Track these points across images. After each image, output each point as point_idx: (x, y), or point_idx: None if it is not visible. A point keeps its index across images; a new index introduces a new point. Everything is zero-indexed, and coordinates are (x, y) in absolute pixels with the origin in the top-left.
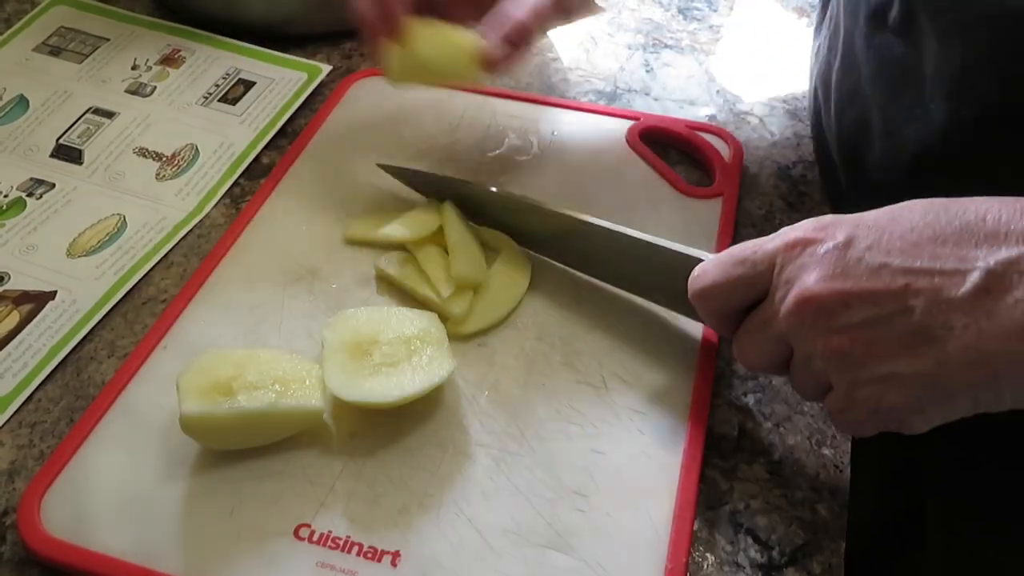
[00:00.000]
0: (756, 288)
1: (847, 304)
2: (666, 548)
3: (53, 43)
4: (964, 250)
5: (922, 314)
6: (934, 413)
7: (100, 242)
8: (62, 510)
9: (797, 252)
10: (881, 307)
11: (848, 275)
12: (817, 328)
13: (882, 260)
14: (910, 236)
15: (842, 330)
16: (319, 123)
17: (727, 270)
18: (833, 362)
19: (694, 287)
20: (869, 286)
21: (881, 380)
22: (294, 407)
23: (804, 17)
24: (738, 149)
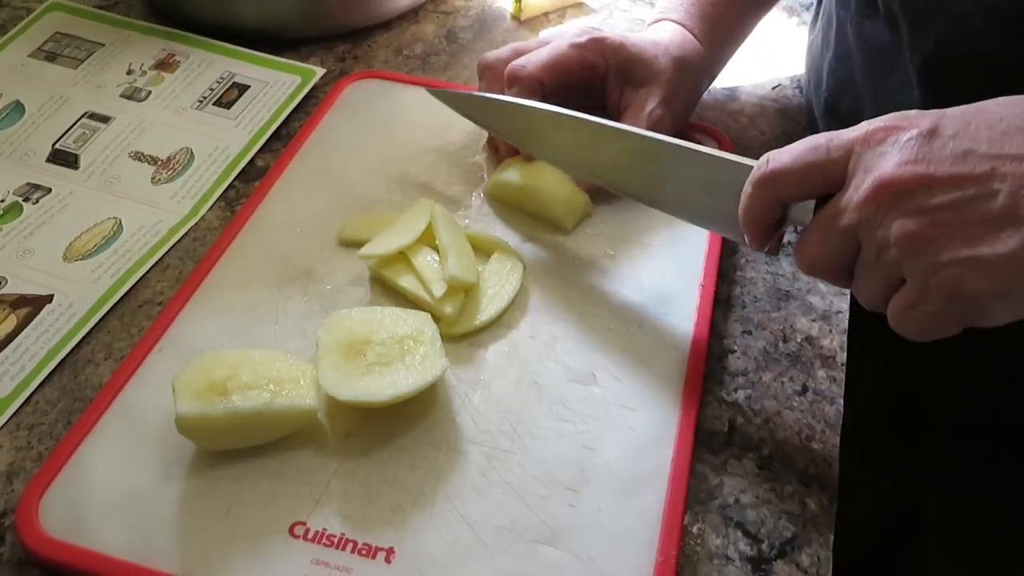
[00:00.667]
0: (828, 176)
1: (928, 187)
2: (656, 542)
3: (48, 49)
4: None
5: (1007, 196)
6: (1014, 301)
7: (96, 246)
8: (60, 511)
9: (878, 139)
10: (964, 190)
11: (931, 160)
12: (895, 212)
13: (968, 146)
14: (998, 125)
15: (922, 212)
16: (313, 126)
17: (802, 154)
18: (910, 247)
19: (764, 169)
20: (953, 170)
21: (963, 263)
22: (288, 407)
23: (794, 16)
24: (729, 148)
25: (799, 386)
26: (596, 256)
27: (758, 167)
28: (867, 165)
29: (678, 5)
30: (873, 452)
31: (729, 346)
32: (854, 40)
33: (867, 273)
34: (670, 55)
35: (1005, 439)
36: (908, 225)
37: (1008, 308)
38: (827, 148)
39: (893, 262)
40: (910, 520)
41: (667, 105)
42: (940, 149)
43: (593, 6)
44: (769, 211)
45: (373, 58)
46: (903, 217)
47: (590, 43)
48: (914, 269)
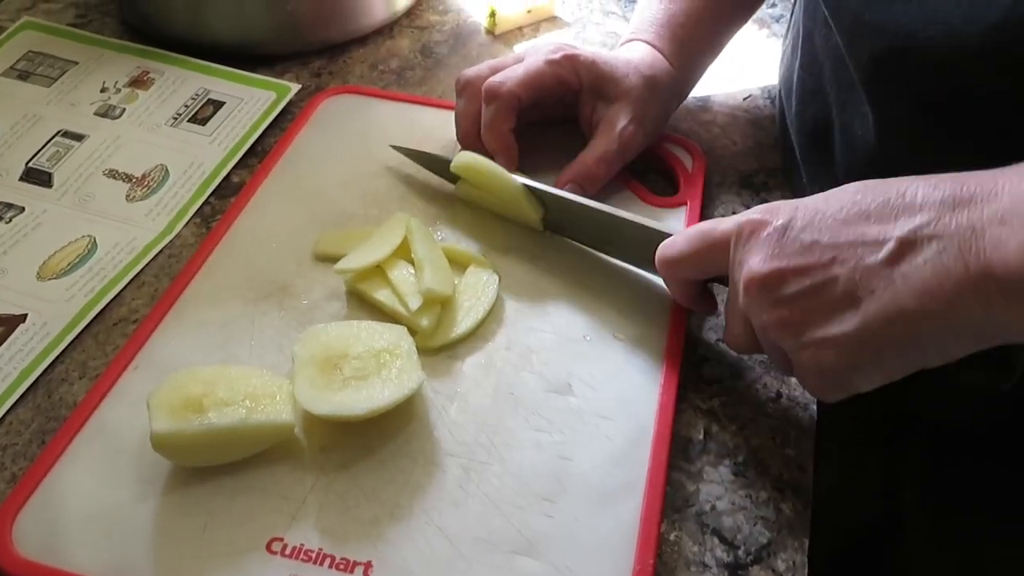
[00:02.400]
0: (715, 262)
1: (784, 279)
2: (633, 550)
3: (21, 67)
4: (884, 223)
5: (845, 281)
6: (871, 371)
7: (70, 264)
8: (35, 531)
9: (746, 235)
10: (812, 278)
11: (784, 254)
12: (763, 303)
13: (813, 238)
14: (839, 215)
15: (783, 302)
16: (288, 141)
17: (691, 244)
18: (779, 332)
19: (661, 256)
20: (802, 261)
21: (817, 343)
22: (264, 422)
23: (764, 28)
24: (701, 158)
25: (773, 392)
26: (571, 267)
27: (658, 253)
28: (740, 259)
29: (648, 26)
30: (850, 456)
31: (704, 354)
32: (821, 50)
33: (767, 351)
34: (640, 74)
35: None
36: (774, 314)
37: (868, 378)
38: (711, 238)
39: (774, 343)
40: (889, 523)
41: (638, 122)
42: (791, 243)
43: (566, 20)
44: (683, 288)
45: (348, 73)
46: (770, 308)
47: (564, 60)
48: (788, 348)
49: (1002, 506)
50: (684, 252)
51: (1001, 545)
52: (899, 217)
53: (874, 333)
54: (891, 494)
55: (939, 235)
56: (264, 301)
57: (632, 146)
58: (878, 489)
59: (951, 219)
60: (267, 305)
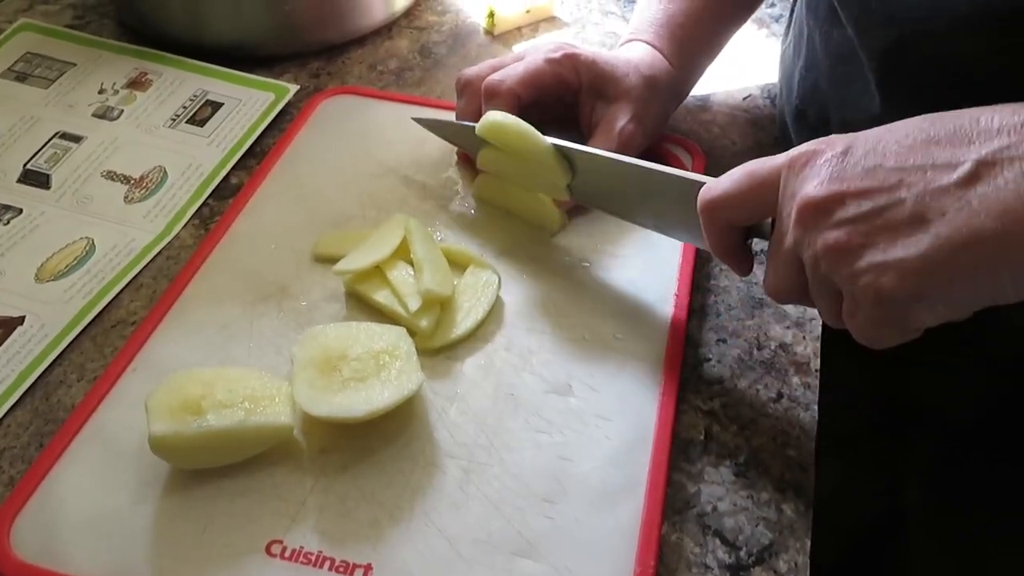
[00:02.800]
0: (764, 201)
1: (842, 201)
2: (635, 552)
3: (19, 69)
4: (957, 148)
5: (914, 203)
6: (936, 303)
7: (68, 266)
8: (33, 534)
9: (799, 166)
10: (875, 201)
11: (844, 178)
12: (818, 228)
13: (877, 162)
14: (905, 141)
15: (839, 225)
16: (287, 142)
17: (738, 183)
18: (833, 259)
19: (704, 198)
20: (863, 184)
21: (878, 267)
22: (263, 424)
23: (764, 28)
24: (701, 158)
25: (774, 393)
26: (571, 267)
27: (700, 195)
28: (792, 191)
29: (648, 26)
30: (851, 456)
31: (704, 355)
32: (821, 49)
33: (815, 291)
34: (640, 73)
35: (985, 440)
36: (829, 238)
37: (931, 311)
38: (759, 175)
39: (826, 276)
40: (890, 523)
41: (638, 121)
42: (852, 167)
43: (565, 20)
44: (724, 235)
45: (347, 74)
46: (824, 231)
47: (564, 59)
48: (841, 279)
49: (1004, 504)
50: (730, 192)
51: (1003, 542)
52: (974, 142)
53: (946, 256)
54: (893, 493)
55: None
56: (263, 303)
57: (631, 145)
58: (880, 488)
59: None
60: (266, 306)
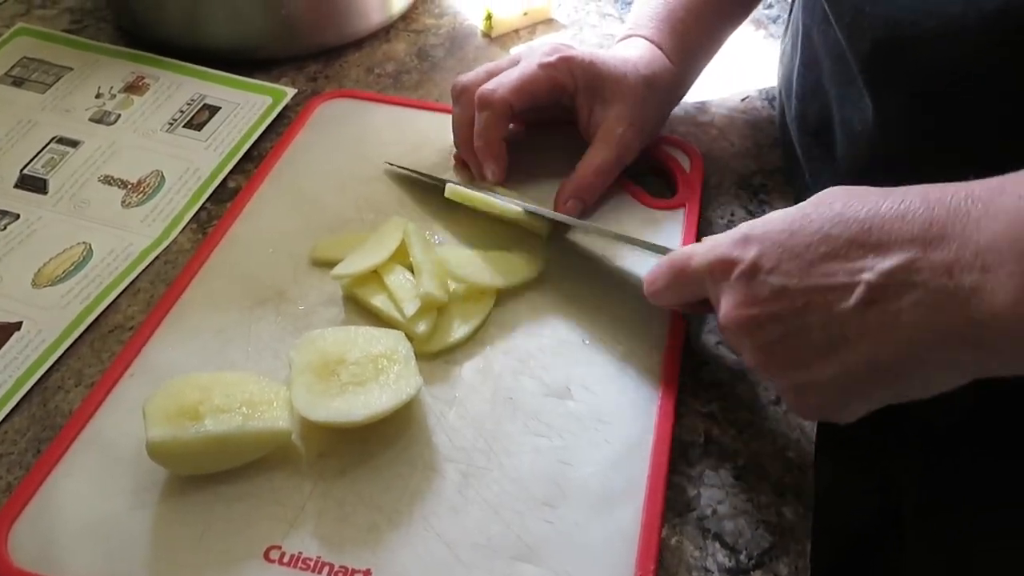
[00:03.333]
0: (696, 291)
1: (760, 325)
2: (634, 556)
3: (16, 74)
4: (853, 262)
5: (820, 329)
6: (857, 407)
7: (66, 271)
8: (30, 541)
9: (717, 275)
10: (786, 325)
11: (756, 300)
12: (743, 344)
13: (782, 283)
14: (806, 255)
15: (762, 348)
16: (284, 146)
17: (668, 278)
18: (763, 373)
19: (647, 291)
20: (774, 308)
21: (799, 388)
22: (261, 429)
23: (761, 29)
24: (699, 160)
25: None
26: (570, 270)
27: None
28: (717, 296)
29: (647, 22)
30: (849, 458)
31: (703, 358)
32: (820, 47)
33: None
34: (639, 72)
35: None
36: (755, 357)
37: (855, 412)
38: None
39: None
40: (889, 525)
41: (635, 125)
42: (761, 287)
43: (563, 22)
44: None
45: (344, 77)
46: (749, 352)
47: (559, 62)
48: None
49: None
50: (663, 286)
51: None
52: (867, 255)
53: (855, 379)
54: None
55: (914, 283)
56: (260, 307)
57: (630, 151)
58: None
59: (925, 262)
60: (263, 311)
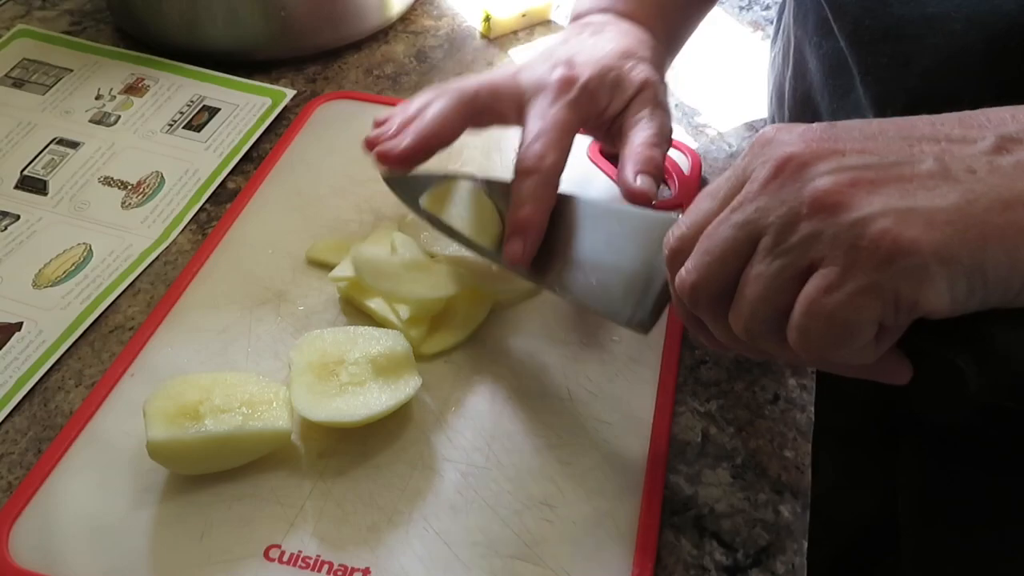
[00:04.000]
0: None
1: (841, 154)
2: (632, 554)
3: (16, 75)
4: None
5: (936, 161)
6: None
7: (66, 272)
8: (30, 541)
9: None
10: (882, 157)
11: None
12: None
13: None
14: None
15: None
16: (284, 147)
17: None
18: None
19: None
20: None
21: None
22: (261, 429)
23: (759, 31)
24: (696, 161)
25: (770, 395)
26: None
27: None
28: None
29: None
30: (847, 458)
31: (701, 356)
32: (813, 59)
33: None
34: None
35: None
36: (823, 183)
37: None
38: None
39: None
40: (886, 524)
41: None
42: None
43: (561, 24)
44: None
45: (344, 79)
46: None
47: (581, 98)
48: (836, 234)
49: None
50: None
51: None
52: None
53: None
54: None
55: None
56: (260, 307)
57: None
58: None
59: None
60: (263, 311)
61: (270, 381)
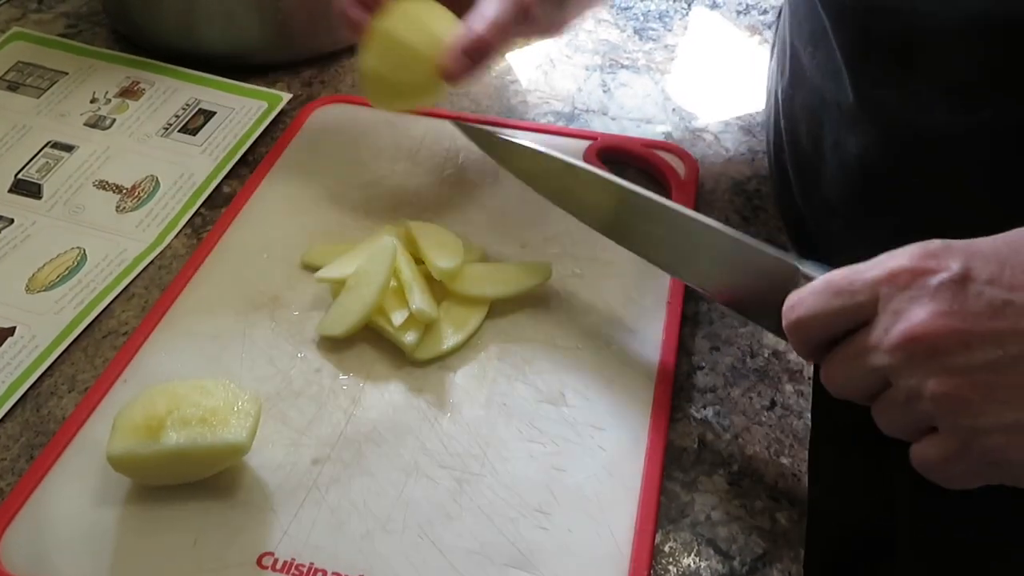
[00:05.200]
0: (856, 319)
1: (967, 344)
2: (628, 562)
3: (11, 78)
4: None
5: None
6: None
7: (60, 276)
8: (22, 548)
9: (904, 282)
10: (1005, 348)
11: (967, 313)
12: (930, 368)
13: (1005, 296)
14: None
15: (961, 372)
16: (280, 151)
17: (826, 301)
18: (947, 407)
19: (790, 317)
20: (992, 326)
21: (1007, 429)
22: (213, 443)
23: (756, 35)
24: (693, 166)
25: (767, 401)
26: (563, 275)
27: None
28: (896, 308)
29: None
30: (845, 465)
31: (697, 362)
32: (809, 67)
33: (893, 411)
34: None
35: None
36: (945, 384)
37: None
38: (851, 292)
39: (925, 414)
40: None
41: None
42: (976, 299)
43: None
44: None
45: (340, 82)
46: (939, 375)
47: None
48: (951, 429)
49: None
50: (818, 312)
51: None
52: None
53: None
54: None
55: None
56: (255, 312)
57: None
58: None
59: None
60: (258, 316)
61: (243, 390)
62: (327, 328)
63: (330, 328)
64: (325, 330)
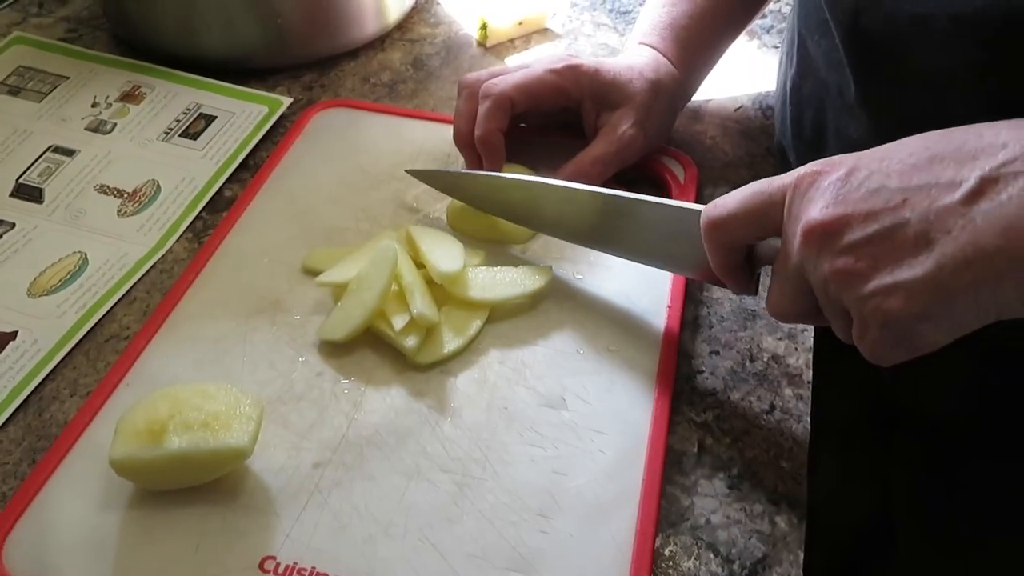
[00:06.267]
0: (767, 221)
1: (848, 224)
2: (628, 566)
3: (12, 83)
4: (961, 165)
5: (917, 223)
6: (941, 321)
7: (61, 280)
8: (25, 553)
9: (804, 186)
10: (880, 223)
11: (848, 200)
12: (824, 253)
13: (880, 183)
14: (909, 159)
15: (846, 250)
16: (280, 155)
17: (742, 201)
18: (842, 282)
19: (709, 216)
20: (867, 207)
21: (884, 290)
22: (216, 448)
23: (755, 39)
24: (693, 169)
25: (767, 405)
26: (564, 280)
27: (704, 213)
28: (797, 212)
29: (651, 30)
30: (844, 467)
31: (697, 366)
32: (814, 55)
33: (827, 311)
34: (644, 77)
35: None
36: (836, 264)
37: (937, 329)
38: (764, 194)
39: (835, 298)
40: (883, 536)
41: (640, 126)
42: (855, 189)
43: (558, 32)
44: (728, 255)
45: (340, 87)
46: (833, 257)
47: (565, 70)
48: (849, 302)
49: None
50: (735, 211)
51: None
52: (978, 157)
53: (949, 276)
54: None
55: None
56: (256, 316)
57: (632, 149)
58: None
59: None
60: (259, 320)
61: (245, 395)
62: (328, 332)
63: (331, 332)
64: (326, 334)
